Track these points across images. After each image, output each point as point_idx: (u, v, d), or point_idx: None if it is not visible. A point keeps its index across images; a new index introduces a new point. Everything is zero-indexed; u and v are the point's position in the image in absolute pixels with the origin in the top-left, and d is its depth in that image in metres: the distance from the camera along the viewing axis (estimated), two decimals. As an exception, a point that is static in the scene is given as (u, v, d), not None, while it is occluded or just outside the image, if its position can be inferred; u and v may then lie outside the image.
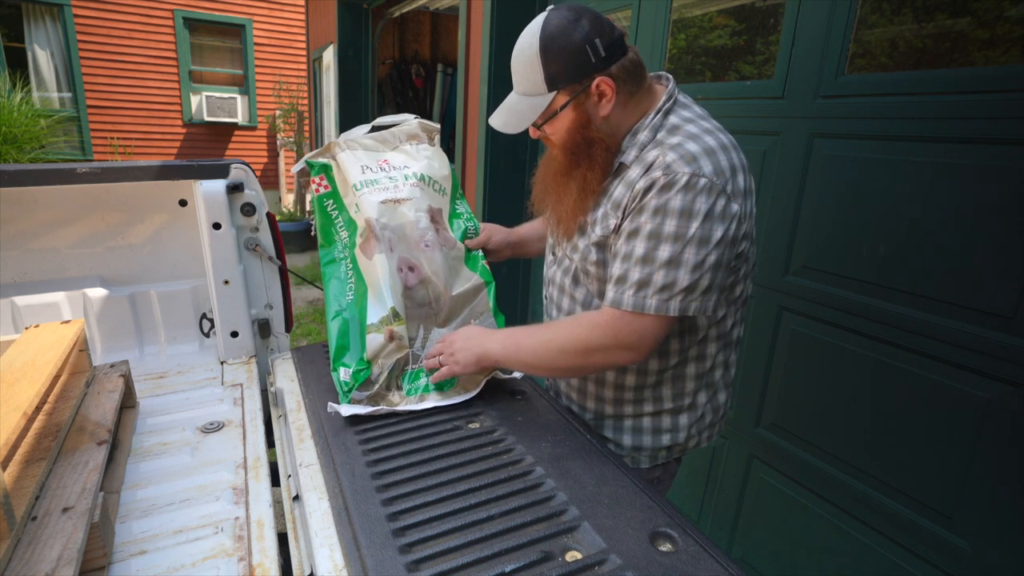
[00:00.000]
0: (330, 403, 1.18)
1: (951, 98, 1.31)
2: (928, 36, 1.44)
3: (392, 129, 1.47)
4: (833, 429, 1.61)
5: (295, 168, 1.45)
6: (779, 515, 1.80)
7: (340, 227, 1.39)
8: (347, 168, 1.38)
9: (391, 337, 1.24)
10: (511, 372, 1.27)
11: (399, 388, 1.24)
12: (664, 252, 0.96)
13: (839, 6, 1.50)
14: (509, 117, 1.08)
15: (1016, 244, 1.22)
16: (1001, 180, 1.23)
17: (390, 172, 1.39)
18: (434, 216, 1.37)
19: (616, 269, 1.01)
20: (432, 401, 1.21)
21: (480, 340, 1.16)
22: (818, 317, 1.62)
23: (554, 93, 1.02)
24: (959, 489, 1.35)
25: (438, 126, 1.50)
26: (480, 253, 1.42)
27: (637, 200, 0.99)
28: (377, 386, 1.21)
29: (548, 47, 0.99)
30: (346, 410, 1.15)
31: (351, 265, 1.34)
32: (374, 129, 1.48)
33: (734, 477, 1.94)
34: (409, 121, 1.49)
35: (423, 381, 1.25)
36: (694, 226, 0.94)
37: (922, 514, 1.43)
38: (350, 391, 1.19)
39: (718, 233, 0.95)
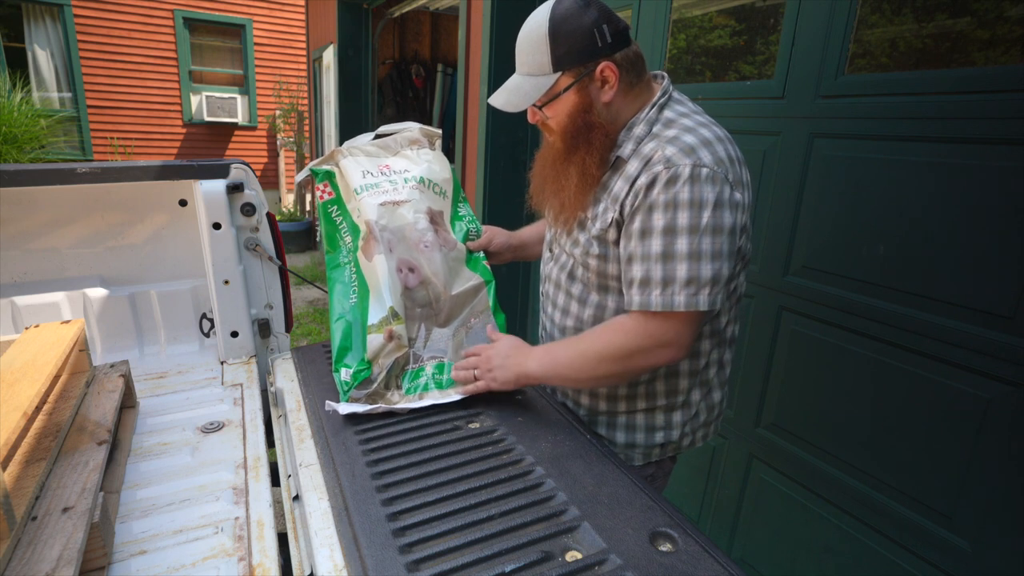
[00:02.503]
0: (328, 402, 1.18)
1: (951, 98, 1.31)
2: (928, 36, 1.44)
3: (394, 136, 1.49)
4: (833, 429, 1.61)
5: (299, 177, 1.47)
6: (779, 515, 1.80)
7: (344, 232, 1.40)
8: (349, 173, 1.39)
9: (390, 337, 1.24)
10: None
11: (399, 387, 1.24)
12: (682, 246, 0.96)
13: (839, 6, 1.50)
14: (511, 96, 1.08)
15: (1016, 244, 1.22)
16: (1001, 180, 1.23)
17: (391, 176, 1.40)
18: (433, 217, 1.38)
19: (636, 271, 1.01)
20: (431, 399, 1.21)
21: (518, 359, 1.15)
22: (818, 317, 1.62)
23: (559, 74, 1.03)
24: (959, 489, 1.35)
25: (439, 131, 1.51)
26: (481, 254, 1.43)
27: (641, 196, 0.99)
28: (375, 385, 1.22)
29: (557, 28, 1.00)
30: (344, 408, 1.15)
31: (355, 269, 1.35)
32: (377, 137, 1.50)
33: (734, 477, 1.94)
34: (411, 127, 1.50)
35: (423, 380, 1.25)
36: (706, 215, 0.95)
37: (922, 514, 1.43)
38: (349, 391, 1.20)
39: (728, 220, 0.96)
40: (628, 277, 1.04)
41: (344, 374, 1.22)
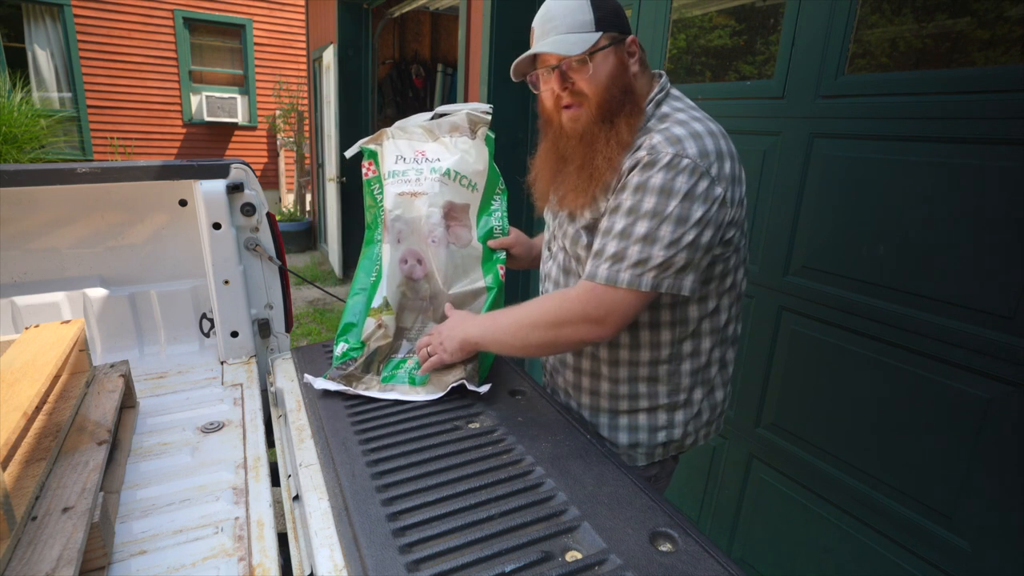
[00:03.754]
0: (306, 374, 1.26)
1: (951, 98, 1.31)
2: (928, 36, 1.44)
3: (440, 120, 1.42)
4: (833, 429, 1.61)
5: (350, 152, 1.44)
6: (779, 515, 1.80)
7: (382, 211, 1.41)
8: (385, 157, 1.41)
9: (379, 325, 1.29)
10: (479, 386, 1.23)
11: (378, 373, 1.28)
12: (641, 227, 0.97)
13: (839, 6, 1.50)
14: (559, 45, 1.02)
15: (1016, 244, 1.22)
16: (1001, 180, 1.23)
17: (421, 164, 1.36)
18: (450, 212, 1.34)
19: (596, 244, 1.03)
20: (398, 393, 1.23)
21: (462, 326, 1.19)
22: (818, 317, 1.62)
23: (600, 33, 1.03)
24: (959, 489, 1.35)
25: (487, 117, 1.39)
26: (502, 256, 1.38)
27: (623, 179, 1.01)
28: (352, 368, 1.26)
29: None
30: (319, 383, 1.23)
31: (382, 249, 1.38)
32: (435, 116, 1.44)
33: (734, 477, 1.94)
34: (460, 112, 1.41)
35: (401, 372, 1.28)
36: (672, 204, 0.95)
37: (922, 514, 1.43)
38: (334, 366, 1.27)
39: (697, 213, 0.96)
40: (592, 249, 1.06)
41: (340, 348, 1.30)
